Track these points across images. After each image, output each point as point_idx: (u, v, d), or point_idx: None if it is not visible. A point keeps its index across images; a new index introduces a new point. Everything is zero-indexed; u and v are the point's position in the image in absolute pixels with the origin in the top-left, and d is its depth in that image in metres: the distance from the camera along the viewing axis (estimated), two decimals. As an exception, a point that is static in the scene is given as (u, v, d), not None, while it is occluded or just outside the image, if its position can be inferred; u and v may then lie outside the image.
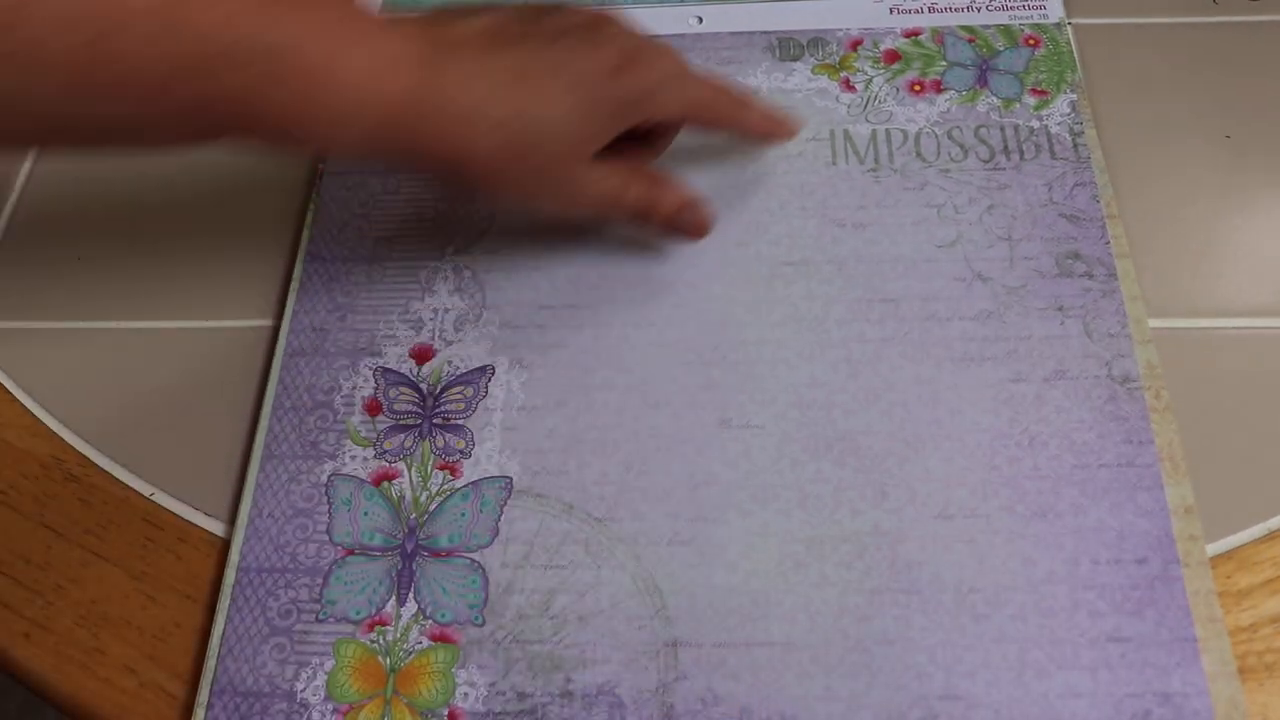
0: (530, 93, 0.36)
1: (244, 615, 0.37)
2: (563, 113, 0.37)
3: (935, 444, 0.39)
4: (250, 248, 0.46)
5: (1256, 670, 0.35)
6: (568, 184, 0.39)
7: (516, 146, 0.36)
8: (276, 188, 0.48)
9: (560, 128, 0.37)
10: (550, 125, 0.36)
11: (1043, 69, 0.47)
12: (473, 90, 0.35)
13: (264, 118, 0.33)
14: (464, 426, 0.40)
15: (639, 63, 0.38)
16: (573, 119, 0.37)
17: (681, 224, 0.42)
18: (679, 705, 0.35)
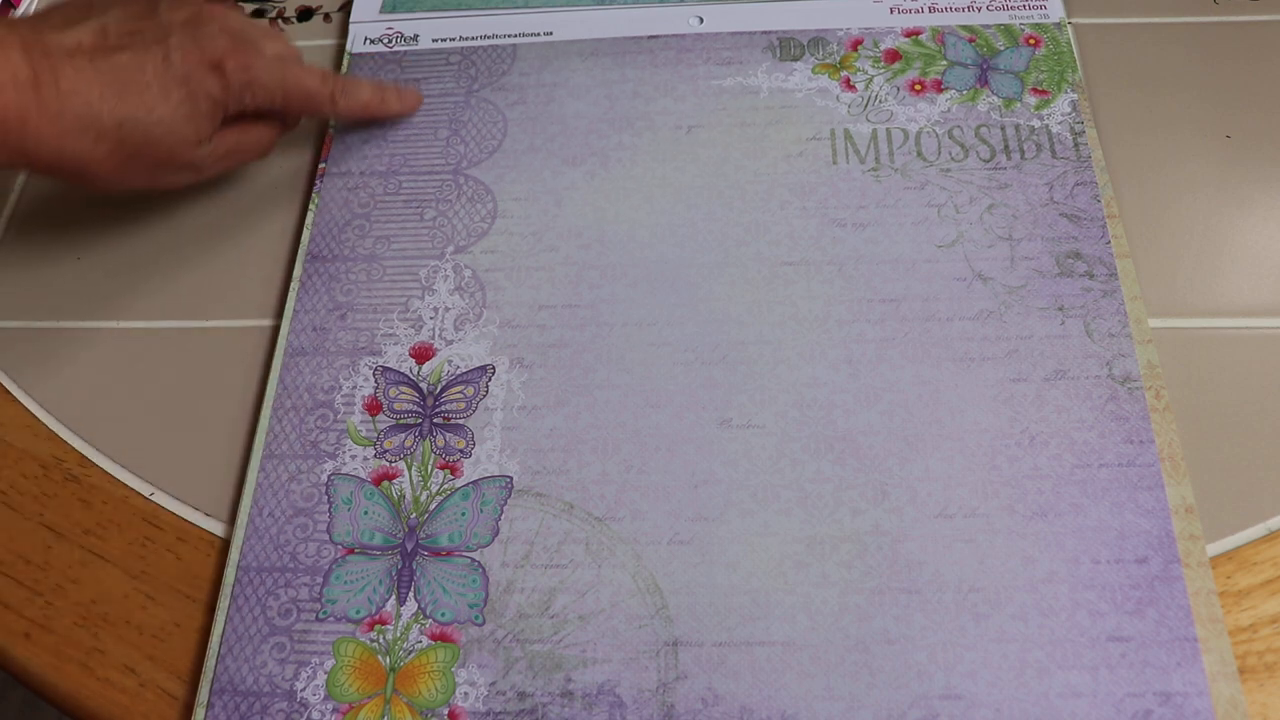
0: (137, 96, 0.38)
1: (244, 615, 0.37)
2: (168, 112, 0.39)
3: (936, 444, 0.39)
4: (250, 248, 0.46)
5: (1256, 670, 0.35)
6: (189, 167, 0.42)
7: (130, 148, 0.39)
8: (276, 188, 0.48)
9: (169, 126, 0.39)
10: (159, 125, 0.39)
11: (1043, 68, 0.47)
12: (82, 99, 0.37)
13: None
14: (464, 426, 0.40)
15: (239, 55, 0.41)
16: (178, 116, 0.39)
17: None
18: (679, 705, 0.35)
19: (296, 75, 0.43)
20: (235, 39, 0.41)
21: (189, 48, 0.40)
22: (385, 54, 0.51)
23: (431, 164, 0.47)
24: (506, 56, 0.50)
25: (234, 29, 0.42)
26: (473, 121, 0.48)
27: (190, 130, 0.40)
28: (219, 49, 0.40)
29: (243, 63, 0.41)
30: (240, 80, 0.41)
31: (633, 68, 0.49)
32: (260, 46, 0.42)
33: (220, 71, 0.40)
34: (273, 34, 0.44)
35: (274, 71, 0.42)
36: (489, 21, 0.52)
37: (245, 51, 0.41)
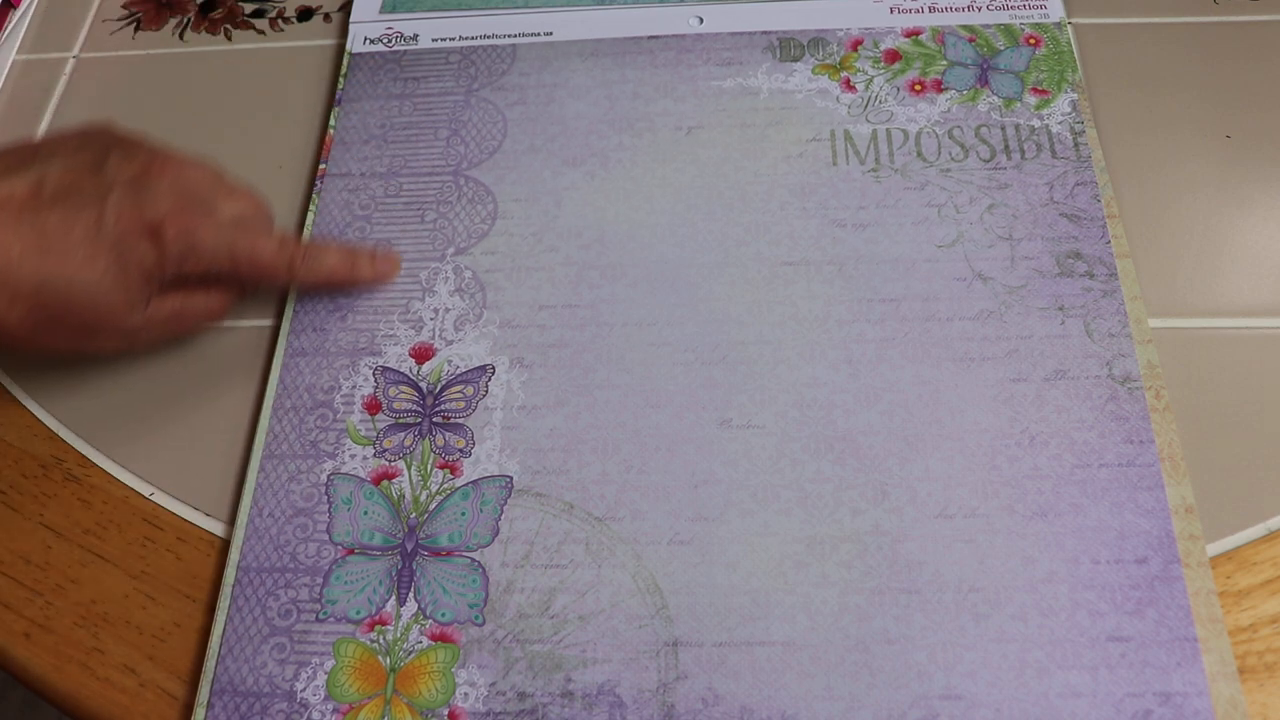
0: (60, 258, 0.35)
1: (244, 615, 0.37)
2: (95, 277, 0.36)
3: (936, 444, 0.39)
4: (250, 247, 0.46)
5: (1256, 670, 0.35)
6: (120, 334, 0.38)
7: (48, 312, 0.36)
8: (277, 189, 0.48)
9: (93, 292, 0.36)
10: (83, 290, 0.36)
11: (1043, 68, 0.47)
12: (1, 256, 0.35)
13: None
14: (464, 425, 0.40)
15: (182, 218, 0.37)
16: (106, 282, 0.36)
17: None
18: (679, 705, 0.35)
19: (248, 243, 0.39)
20: (183, 200, 0.38)
21: (126, 209, 0.37)
22: (385, 54, 0.51)
23: (432, 165, 0.47)
24: (506, 56, 0.50)
25: (186, 188, 0.38)
26: (473, 122, 0.48)
27: (118, 297, 0.37)
28: (160, 212, 0.37)
29: (184, 227, 0.37)
30: (179, 247, 0.37)
31: (633, 68, 0.49)
32: (213, 207, 0.39)
33: (157, 237, 0.37)
34: (236, 192, 0.41)
35: (221, 238, 0.38)
36: (489, 21, 0.52)
37: (190, 215, 0.38)
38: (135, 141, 0.40)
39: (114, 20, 0.56)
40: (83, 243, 0.36)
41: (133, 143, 0.39)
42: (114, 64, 0.54)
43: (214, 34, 0.54)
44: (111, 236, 0.36)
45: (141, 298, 0.38)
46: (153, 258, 0.37)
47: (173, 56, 0.54)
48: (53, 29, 0.56)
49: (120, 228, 0.36)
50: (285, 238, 0.41)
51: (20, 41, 0.55)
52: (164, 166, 0.39)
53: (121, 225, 0.36)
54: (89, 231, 0.36)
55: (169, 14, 0.55)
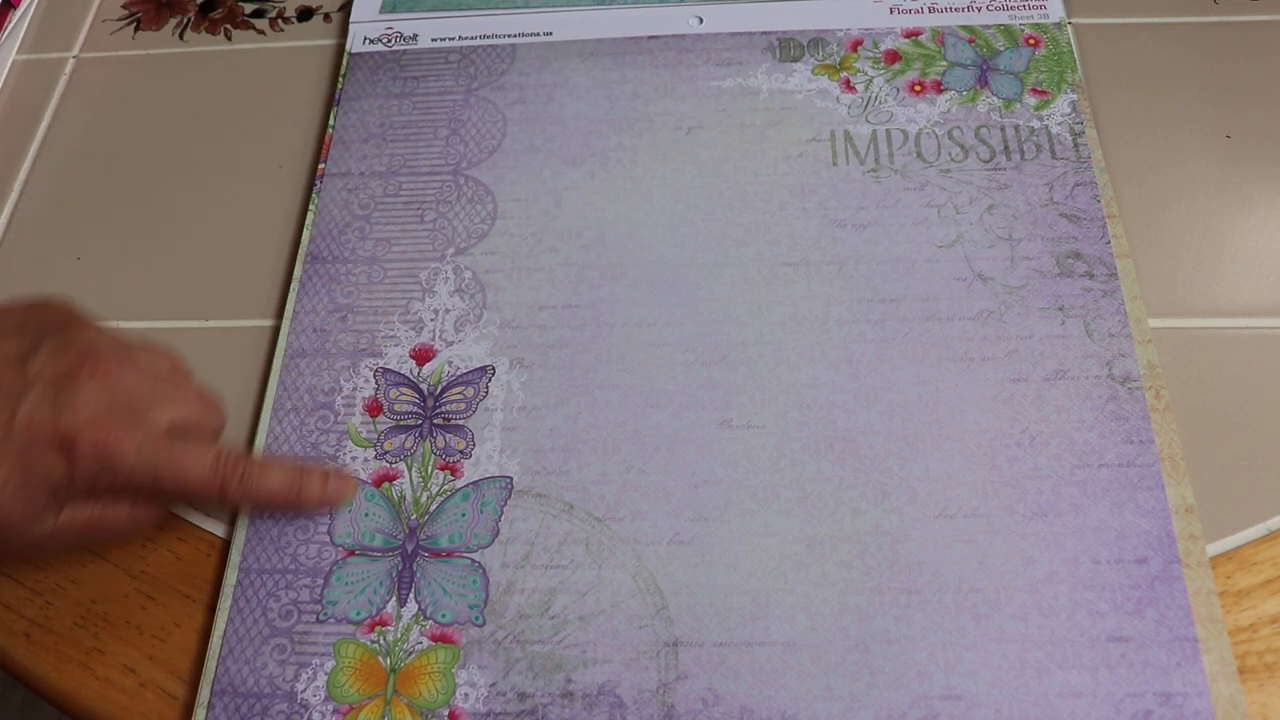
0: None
1: (245, 616, 0.37)
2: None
3: (936, 444, 0.39)
4: (250, 248, 0.46)
5: (1256, 670, 0.35)
6: (23, 544, 0.34)
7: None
8: (277, 188, 0.48)
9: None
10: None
11: (1043, 69, 0.47)
12: None
13: None
14: (464, 427, 0.40)
15: (103, 430, 0.33)
16: (5, 492, 0.32)
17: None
18: (680, 705, 0.35)
19: (175, 462, 0.35)
20: (109, 408, 0.34)
21: (41, 414, 0.33)
22: (385, 53, 0.51)
23: (431, 164, 0.47)
24: (506, 56, 0.50)
25: (116, 393, 0.34)
26: (472, 121, 0.48)
27: (19, 508, 0.33)
28: (78, 421, 0.33)
29: (101, 441, 0.33)
30: (93, 463, 0.33)
31: (632, 68, 0.49)
32: (146, 417, 0.34)
33: (68, 451, 0.33)
34: (179, 395, 0.36)
35: (144, 454, 0.34)
36: (489, 21, 0.52)
37: (113, 427, 0.33)
38: (78, 329, 0.35)
39: (114, 20, 0.56)
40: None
41: (74, 330, 0.35)
42: (114, 64, 0.54)
43: (214, 34, 0.54)
44: (18, 443, 0.32)
45: (48, 509, 0.34)
46: (61, 471, 0.33)
47: (173, 56, 0.54)
48: (53, 29, 0.56)
49: (29, 434, 0.33)
50: (224, 454, 0.36)
51: (20, 41, 0.55)
52: (96, 366, 0.34)
53: (31, 432, 0.33)
54: None
55: (169, 14, 0.55)
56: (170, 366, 0.37)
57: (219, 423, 0.38)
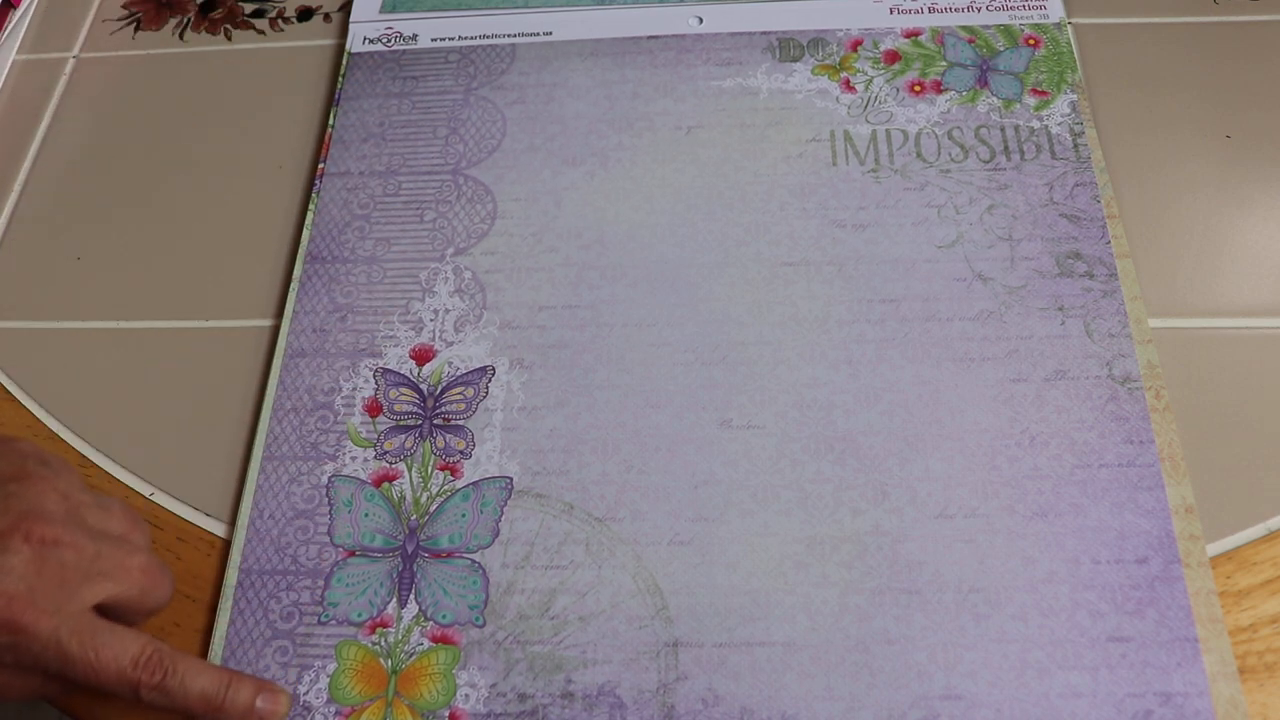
0: None
1: (246, 618, 0.37)
2: None
3: (936, 444, 0.39)
4: (250, 248, 0.46)
5: (1256, 670, 0.35)
6: None
7: None
8: (277, 188, 0.48)
9: None
10: None
11: (1043, 69, 0.47)
12: None
13: None
14: (464, 427, 0.40)
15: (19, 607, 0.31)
16: None
17: None
18: (680, 705, 0.35)
19: (92, 651, 0.32)
20: (37, 576, 0.31)
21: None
22: (384, 53, 0.51)
23: (431, 163, 0.47)
24: (506, 56, 0.50)
25: (48, 565, 0.32)
26: (472, 120, 0.48)
27: None
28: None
29: (16, 618, 0.31)
30: (3, 638, 0.31)
31: (632, 68, 0.49)
32: (74, 595, 0.32)
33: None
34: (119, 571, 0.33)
35: (61, 637, 0.31)
36: (488, 21, 0.52)
37: (30, 605, 0.31)
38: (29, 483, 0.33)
39: (114, 20, 0.55)
40: None
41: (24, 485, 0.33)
42: (114, 64, 0.54)
43: (214, 34, 0.54)
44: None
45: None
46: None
47: (173, 56, 0.54)
48: (53, 29, 0.56)
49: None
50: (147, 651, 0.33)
51: (20, 41, 0.55)
52: (33, 529, 0.32)
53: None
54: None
55: (169, 14, 0.55)
56: (122, 531, 0.35)
57: (161, 599, 0.35)
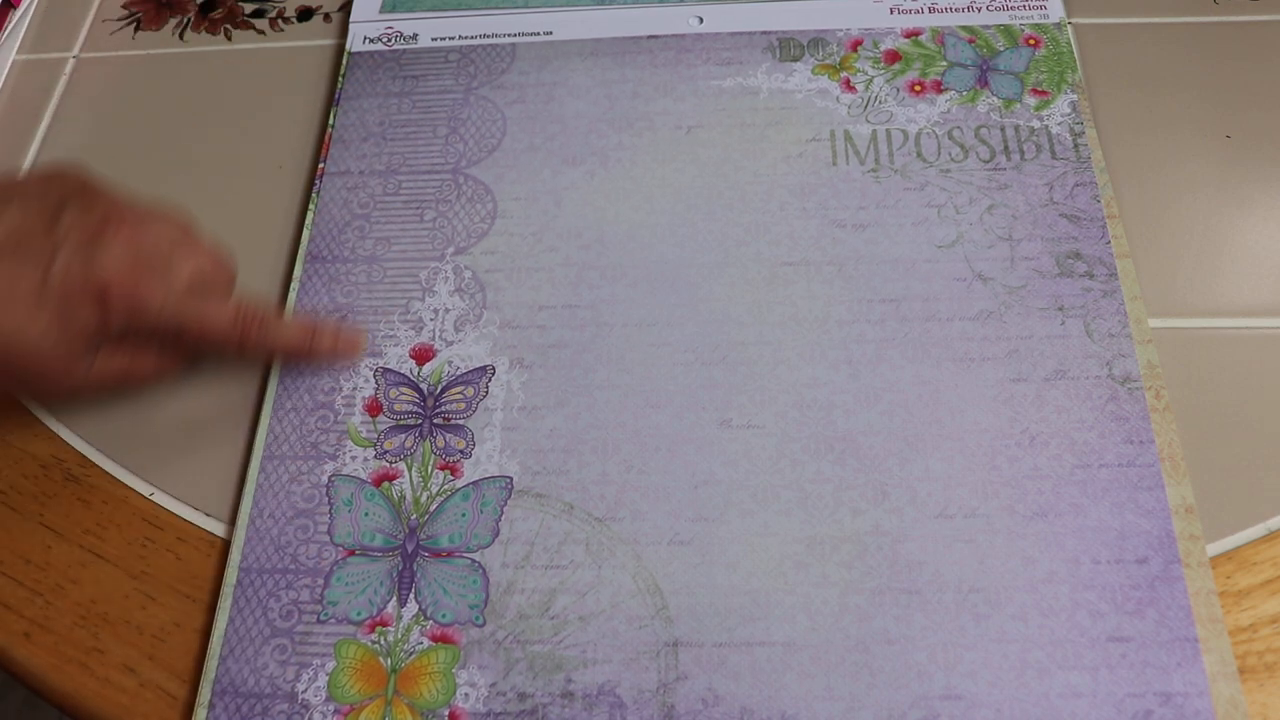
0: (3, 312, 0.35)
1: (245, 617, 0.37)
2: (33, 333, 0.36)
3: (936, 444, 0.39)
4: (250, 248, 0.46)
5: (1256, 670, 0.35)
6: (61, 390, 0.38)
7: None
8: (277, 188, 0.48)
9: (33, 350, 0.36)
10: (21, 348, 0.36)
11: (1043, 69, 0.47)
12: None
13: None
14: (464, 426, 0.40)
15: (131, 281, 0.36)
16: (45, 340, 0.36)
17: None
18: (680, 705, 0.35)
19: (198, 312, 0.38)
20: (135, 261, 0.37)
21: (74, 268, 0.36)
22: (385, 53, 0.51)
23: (431, 163, 0.47)
24: (506, 56, 0.50)
25: (140, 248, 0.37)
26: (472, 120, 0.48)
27: (58, 356, 0.36)
28: (109, 273, 0.36)
29: (131, 291, 0.36)
30: (124, 311, 0.36)
31: (632, 68, 0.49)
32: (168, 270, 0.37)
33: (102, 301, 0.36)
34: (198, 251, 0.39)
35: (170, 303, 0.37)
36: (489, 21, 0.52)
37: (139, 278, 0.37)
38: (97, 192, 0.38)
39: (114, 20, 0.55)
40: (25, 299, 0.35)
41: (95, 194, 0.38)
42: (114, 64, 0.54)
43: (214, 34, 0.54)
44: (55, 296, 0.35)
45: (83, 356, 0.37)
46: (95, 320, 0.36)
47: (173, 56, 0.54)
48: (53, 29, 0.56)
49: (65, 287, 0.36)
50: (242, 306, 0.39)
51: (20, 41, 0.55)
52: (120, 224, 0.37)
53: (67, 285, 0.36)
54: (33, 288, 0.35)
55: (169, 14, 0.55)
56: (183, 233, 0.39)
57: (232, 277, 0.41)
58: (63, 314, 0.36)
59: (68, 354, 0.37)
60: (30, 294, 0.35)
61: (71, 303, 0.36)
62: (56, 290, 0.35)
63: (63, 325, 0.36)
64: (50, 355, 0.36)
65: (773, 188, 0.45)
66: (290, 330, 0.41)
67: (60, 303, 0.36)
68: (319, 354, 0.41)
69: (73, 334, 0.36)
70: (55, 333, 0.36)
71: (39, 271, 0.35)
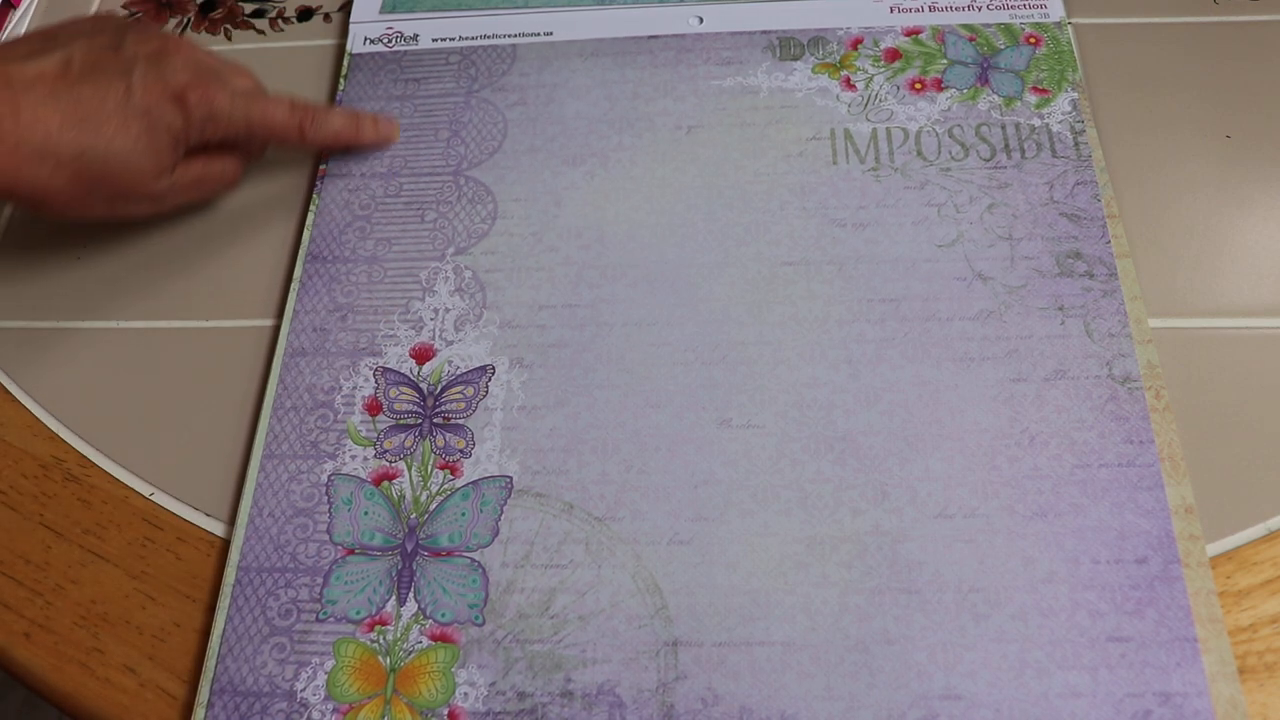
0: (96, 128, 0.39)
1: (244, 615, 0.37)
2: (128, 144, 0.39)
3: (935, 444, 0.39)
4: (250, 248, 0.46)
5: (1256, 670, 0.35)
6: (150, 198, 0.42)
7: (87, 180, 0.39)
8: (277, 188, 0.48)
9: (128, 158, 0.40)
10: (118, 157, 0.39)
11: (1044, 67, 0.47)
12: (41, 129, 0.38)
13: None
14: (464, 426, 0.40)
15: (202, 87, 0.41)
16: (138, 148, 0.40)
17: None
18: (679, 705, 0.35)
19: (261, 107, 0.43)
20: (199, 72, 0.41)
21: (151, 81, 0.40)
22: (385, 54, 0.51)
23: (432, 165, 0.47)
24: (506, 56, 0.50)
25: (199, 62, 0.42)
26: (473, 122, 0.48)
27: (150, 162, 0.40)
28: (181, 82, 0.40)
29: (205, 95, 0.41)
30: (202, 113, 0.41)
31: (632, 68, 0.49)
32: (225, 80, 0.42)
33: (182, 104, 0.40)
34: (239, 69, 0.45)
35: (238, 104, 0.42)
36: (489, 21, 0.52)
37: (208, 85, 0.41)
38: (142, 25, 0.43)
39: (114, 20, 0.55)
40: (116, 112, 0.39)
41: (144, 25, 0.43)
42: (114, 64, 0.54)
43: (214, 34, 0.54)
44: (141, 105, 0.39)
45: (169, 162, 0.41)
46: (179, 123, 0.41)
47: (173, 56, 0.53)
48: (53, 29, 0.56)
49: (148, 97, 0.39)
50: (294, 102, 0.45)
51: (20, 41, 0.55)
52: (179, 45, 0.42)
53: (149, 95, 0.40)
54: (120, 102, 0.39)
55: (169, 14, 0.55)
56: (218, 58, 0.44)
57: (263, 90, 0.46)
58: (150, 122, 0.40)
59: (157, 160, 0.40)
60: (118, 107, 0.39)
61: (157, 110, 0.40)
62: (141, 101, 0.39)
63: (152, 133, 0.40)
64: (143, 162, 0.40)
65: (773, 187, 0.45)
66: (338, 118, 0.46)
67: (147, 112, 0.39)
68: (365, 140, 0.47)
69: (161, 140, 0.40)
70: (146, 139, 0.40)
71: (122, 87, 0.39)
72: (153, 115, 0.40)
